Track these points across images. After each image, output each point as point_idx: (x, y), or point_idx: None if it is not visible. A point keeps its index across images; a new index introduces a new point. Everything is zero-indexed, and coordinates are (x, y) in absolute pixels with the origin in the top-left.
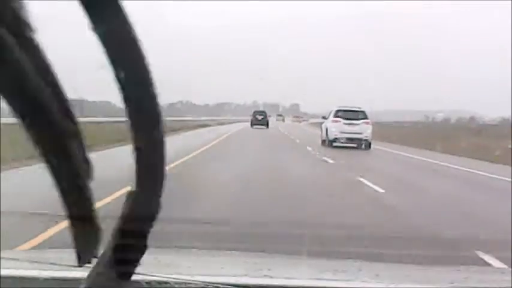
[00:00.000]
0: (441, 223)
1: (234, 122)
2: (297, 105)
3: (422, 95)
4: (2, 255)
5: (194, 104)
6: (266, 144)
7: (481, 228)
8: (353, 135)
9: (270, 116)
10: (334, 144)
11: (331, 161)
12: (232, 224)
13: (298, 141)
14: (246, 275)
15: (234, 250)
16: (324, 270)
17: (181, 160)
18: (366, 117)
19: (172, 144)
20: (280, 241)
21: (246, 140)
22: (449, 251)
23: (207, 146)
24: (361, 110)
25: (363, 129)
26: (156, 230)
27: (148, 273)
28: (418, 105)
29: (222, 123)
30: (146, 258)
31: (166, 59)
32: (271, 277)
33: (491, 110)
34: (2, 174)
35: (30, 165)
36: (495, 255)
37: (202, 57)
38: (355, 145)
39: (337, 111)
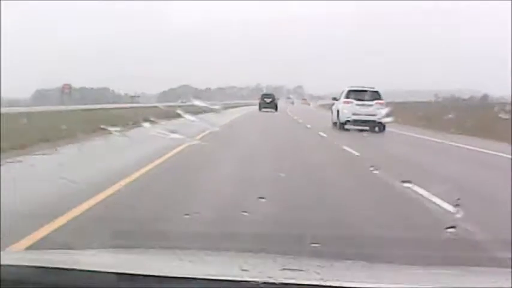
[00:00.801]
0: None
1: (237, 106)
2: (300, 87)
3: (426, 74)
4: (2, 255)
5: (195, 89)
6: (274, 136)
7: None
8: (366, 117)
9: (278, 98)
10: (346, 126)
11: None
12: None
13: (309, 125)
14: (246, 275)
15: (234, 251)
16: (324, 270)
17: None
18: (380, 98)
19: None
20: None
21: (248, 129)
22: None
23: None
24: (375, 90)
25: (377, 111)
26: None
27: (148, 273)
28: (422, 85)
29: (216, 111)
30: (147, 258)
31: (166, 43)
32: (269, 277)
33: (493, 88)
34: None
35: None
36: None
37: (202, 40)
38: (367, 128)
39: (349, 91)
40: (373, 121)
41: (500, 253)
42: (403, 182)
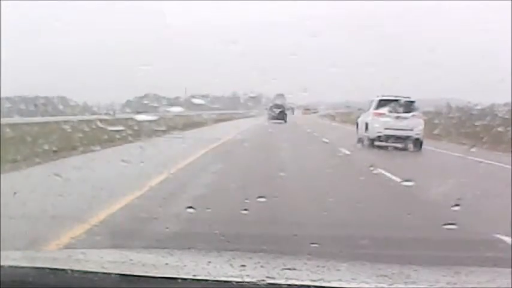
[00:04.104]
0: None
1: (220, 121)
2: (282, 95)
3: (432, 83)
4: (2, 256)
5: (163, 97)
6: None
7: None
8: (402, 132)
9: (288, 109)
10: (376, 143)
11: None
12: None
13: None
14: (245, 275)
15: (235, 251)
16: (324, 270)
17: None
18: (416, 109)
19: None
20: None
21: None
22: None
23: None
24: (410, 99)
25: (414, 125)
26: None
27: (149, 274)
28: (425, 93)
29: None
30: (147, 259)
31: (134, 49)
32: (269, 277)
33: (481, 97)
34: None
35: None
36: None
37: (171, 45)
38: (400, 145)
39: (380, 101)
40: (409, 137)
41: (501, 253)
42: None
